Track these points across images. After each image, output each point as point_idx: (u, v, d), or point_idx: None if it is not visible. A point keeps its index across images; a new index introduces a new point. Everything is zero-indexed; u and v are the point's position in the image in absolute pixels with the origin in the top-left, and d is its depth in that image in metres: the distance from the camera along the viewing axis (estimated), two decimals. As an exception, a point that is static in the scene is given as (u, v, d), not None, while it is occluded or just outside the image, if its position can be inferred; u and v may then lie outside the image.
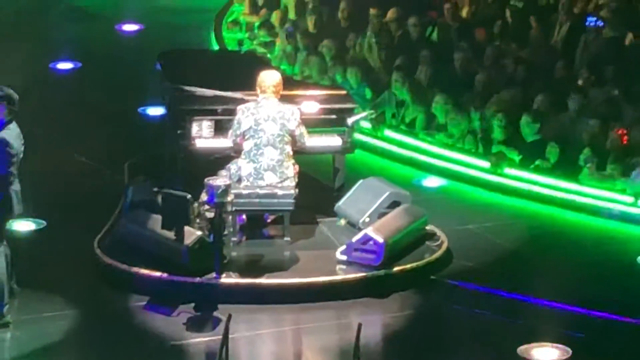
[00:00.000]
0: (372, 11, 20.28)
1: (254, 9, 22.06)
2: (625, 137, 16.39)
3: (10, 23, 22.09)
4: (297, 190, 13.38)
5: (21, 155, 12.02)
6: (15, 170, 12.02)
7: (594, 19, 19.26)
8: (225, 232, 13.18)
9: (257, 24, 21.92)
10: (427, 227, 14.08)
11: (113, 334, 12.42)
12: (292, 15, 20.80)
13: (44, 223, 14.46)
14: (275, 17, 21.54)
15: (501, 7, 19.75)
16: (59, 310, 12.76)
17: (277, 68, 16.31)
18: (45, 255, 13.83)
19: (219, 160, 13.88)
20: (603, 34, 18.60)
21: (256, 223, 14.03)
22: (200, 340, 12.28)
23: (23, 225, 14.07)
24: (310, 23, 20.81)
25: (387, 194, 14.06)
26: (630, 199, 15.48)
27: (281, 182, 13.38)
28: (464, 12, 20.63)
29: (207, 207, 13.16)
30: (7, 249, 12.25)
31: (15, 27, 21.88)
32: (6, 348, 12.09)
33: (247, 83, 13.89)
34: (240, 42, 21.74)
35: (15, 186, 12.06)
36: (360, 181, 14.43)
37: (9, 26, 21.93)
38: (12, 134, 11.99)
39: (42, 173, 14.82)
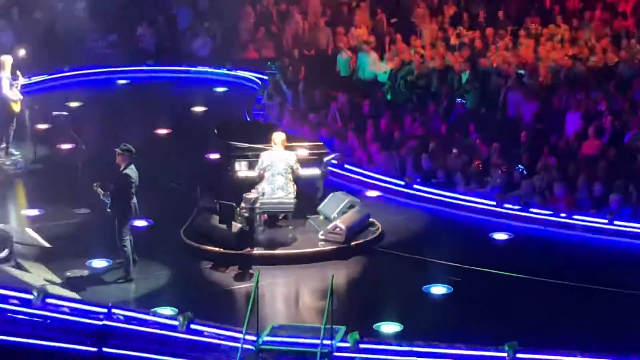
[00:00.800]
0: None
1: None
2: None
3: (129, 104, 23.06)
4: (295, 199, 15.53)
5: (137, 183, 14.20)
6: (133, 191, 14.20)
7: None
8: (255, 225, 15.23)
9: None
10: (370, 219, 16.22)
11: (191, 284, 14.75)
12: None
13: (152, 221, 16.28)
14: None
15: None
16: (161, 271, 14.95)
17: (283, 130, 16.81)
18: (152, 240, 15.82)
19: (251, 184, 15.56)
20: None
21: (272, 219, 15.92)
22: (242, 286, 14.40)
23: (139, 223, 15.75)
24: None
25: (346, 200, 16.20)
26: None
27: (286, 195, 15.42)
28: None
29: (244, 210, 15.04)
30: (131, 236, 14.36)
31: (131, 106, 22.82)
32: (131, 292, 14.30)
33: (266, 139, 15.84)
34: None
35: (134, 200, 14.26)
36: (331, 194, 16.48)
37: (129, 105, 22.95)
38: (132, 171, 14.18)
39: (150, 192, 15.76)
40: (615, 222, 16.30)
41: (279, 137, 15.72)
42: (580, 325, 13.11)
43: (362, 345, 12.15)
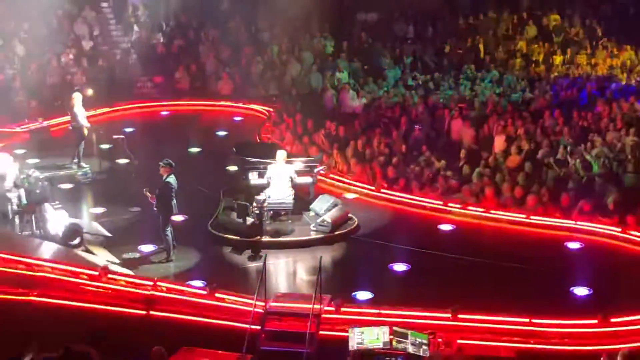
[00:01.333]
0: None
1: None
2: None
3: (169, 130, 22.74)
4: (294, 200, 15.55)
5: (176, 188, 14.28)
6: (173, 194, 14.27)
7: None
8: (263, 219, 15.20)
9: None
10: (349, 215, 16.14)
11: (215, 264, 14.73)
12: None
13: (187, 217, 15.95)
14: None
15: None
16: (194, 253, 14.88)
17: (285, 149, 16.72)
18: (187, 230, 15.59)
19: (260, 189, 15.54)
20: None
21: (276, 215, 15.81)
22: (253, 265, 14.46)
23: (178, 218, 15.28)
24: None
25: (331, 201, 16.20)
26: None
27: (287, 197, 15.45)
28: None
29: (256, 208, 15.08)
30: (171, 228, 14.46)
31: (171, 131, 22.50)
32: (171, 269, 14.31)
33: (272, 155, 15.82)
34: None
35: (174, 201, 14.32)
36: (320, 195, 16.47)
37: (169, 130, 22.68)
38: (172, 179, 14.27)
39: (186, 195, 15.40)
40: (531, 217, 16.30)
41: (281, 154, 15.74)
42: (503, 292, 13.11)
43: (343, 309, 12.20)
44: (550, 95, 23.70)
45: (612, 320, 11.82)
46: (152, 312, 12.33)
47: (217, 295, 12.63)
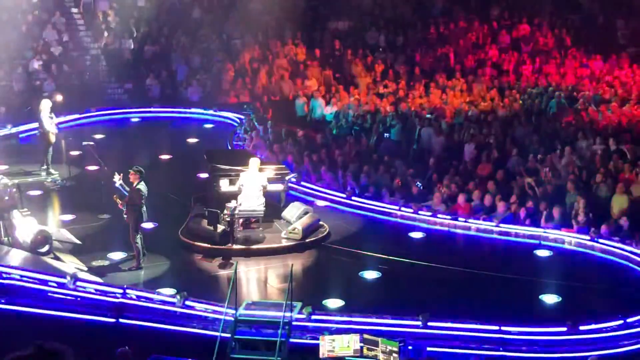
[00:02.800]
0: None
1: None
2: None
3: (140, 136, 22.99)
4: (264, 208, 15.41)
5: (146, 195, 14.13)
6: (144, 202, 14.12)
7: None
8: (234, 227, 15.07)
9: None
10: (320, 222, 16.11)
11: (186, 271, 14.74)
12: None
13: (157, 224, 16.03)
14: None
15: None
16: (162, 261, 14.87)
17: (256, 156, 16.70)
18: (157, 238, 15.57)
19: (231, 196, 15.35)
20: None
21: (247, 222, 15.71)
22: (224, 272, 14.38)
23: (147, 225, 15.27)
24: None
25: (302, 208, 16.25)
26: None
27: (258, 205, 15.34)
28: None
29: (227, 215, 14.93)
30: (141, 235, 14.33)
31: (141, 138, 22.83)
32: (141, 277, 14.20)
33: (244, 163, 15.67)
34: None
35: (144, 208, 14.18)
36: (291, 203, 16.50)
37: (140, 137, 22.79)
38: (143, 186, 14.13)
39: (155, 202, 15.32)
40: (501, 225, 16.39)
41: (253, 162, 15.67)
42: (472, 300, 13.23)
43: (313, 317, 12.21)
44: (519, 104, 23.93)
45: (581, 327, 11.88)
46: (121, 320, 12.24)
47: (187, 303, 12.55)
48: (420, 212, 17.16)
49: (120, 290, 12.89)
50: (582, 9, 30.83)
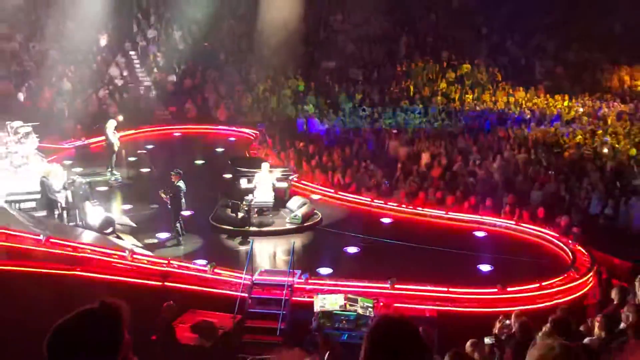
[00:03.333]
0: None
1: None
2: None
3: (181, 147, 22.27)
4: (273, 200, 15.28)
5: (185, 190, 13.98)
6: (183, 195, 14.00)
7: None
8: (251, 214, 14.98)
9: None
10: (315, 211, 15.85)
11: (215, 247, 14.25)
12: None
13: (193, 212, 15.43)
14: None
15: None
16: (197, 239, 14.52)
17: (267, 161, 16.48)
18: (193, 222, 15.19)
19: (249, 191, 15.28)
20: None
21: (260, 211, 15.38)
22: (243, 248, 14.07)
23: (186, 213, 14.87)
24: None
25: (302, 201, 15.95)
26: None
27: (269, 198, 15.18)
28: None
29: (245, 206, 14.83)
30: (181, 221, 14.21)
31: (182, 148, 22.14)
32: (181, 251, 13.90)
33: (258, 166, 15.52)
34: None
35: (183, 200, 14.03)
36: (293, 197, 16.20)
37: (181, 147, 22.20)
38: (182, 184, 13.97)
39: (192, 196, 14.78)
40: (449, 213, 16.21)
41: (265, 165, 15.56)
42: (428, 269, 12.98)
43: (310, 281, 12.09)
44: (463, 124, 23.92)
45: (508, 289, 11.81)
46: (166, 284, 12.11)
47: (215, 270, 12.37)
48: (389, 203, 16.89)
49: (166, 261, 12.71)
50: (509, 53, 31.11)
